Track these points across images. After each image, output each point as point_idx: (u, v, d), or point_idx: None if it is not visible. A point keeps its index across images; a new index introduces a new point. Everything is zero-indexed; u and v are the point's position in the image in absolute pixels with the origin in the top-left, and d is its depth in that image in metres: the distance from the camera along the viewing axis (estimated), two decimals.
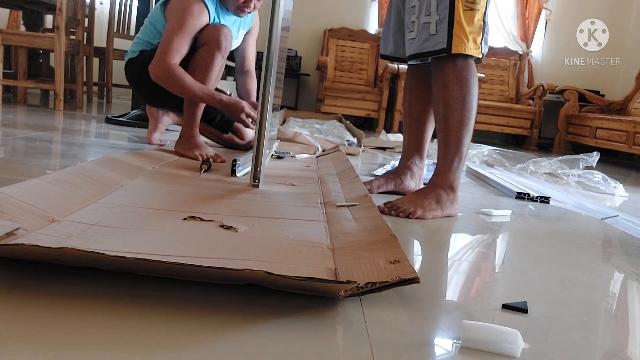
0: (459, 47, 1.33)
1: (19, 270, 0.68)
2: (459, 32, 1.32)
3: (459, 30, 1.32)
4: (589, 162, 2.60)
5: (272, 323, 0.62)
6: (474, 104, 1.37)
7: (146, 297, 0.65)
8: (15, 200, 0.84)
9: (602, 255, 1.25)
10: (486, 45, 1.39)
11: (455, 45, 1.32)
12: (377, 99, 4.79)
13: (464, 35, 1.32)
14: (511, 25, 5.30)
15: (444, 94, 1.37)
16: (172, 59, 1.75)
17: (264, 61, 1.36)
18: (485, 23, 1.37)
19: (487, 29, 1.38)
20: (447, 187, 1.37)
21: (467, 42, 1.33)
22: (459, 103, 1.36)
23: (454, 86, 1.36)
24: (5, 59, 3.30)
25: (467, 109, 1.36)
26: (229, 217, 1.02)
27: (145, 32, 1.97)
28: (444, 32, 1.33)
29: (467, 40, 1.33)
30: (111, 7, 4.13)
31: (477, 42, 1.35)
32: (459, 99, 1.36)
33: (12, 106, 3.12)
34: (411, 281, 0.70)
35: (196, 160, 1.75)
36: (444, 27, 1.33)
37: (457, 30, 1.32)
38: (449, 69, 1.36)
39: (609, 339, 0.74)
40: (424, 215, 1.33)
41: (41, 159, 1.56)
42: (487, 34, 1.38)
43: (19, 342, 0.52)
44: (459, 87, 1.35)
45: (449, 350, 0.62)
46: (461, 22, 1.32)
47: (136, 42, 2.00)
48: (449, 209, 1.38)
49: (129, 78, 2.07)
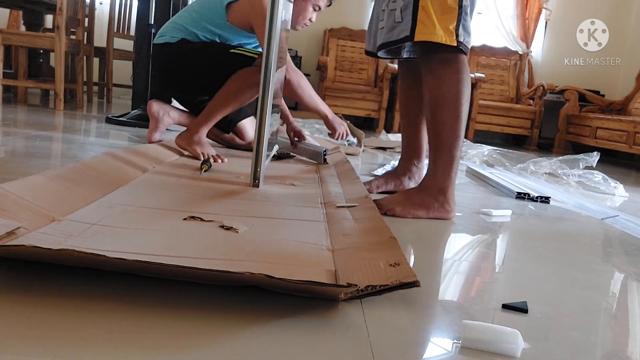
0: (423, 34, 1.23)
1: (19, 270, 0.68)
2: (424, 18, 1.23)
3: (424, 16, 1.23)
4: (589, 162, 2.60)
5: (272, 323, 0.62)
6: (462, 102, 1.28)
7: (146, 297, 0.65)
8: (17, 198, 0.84)
9: (602, 255, 1.25)
10: (466, 32, 1.27)
11: (419, 32, 1.23)
12: (377, 99, 4.79)
13: (429, 22, 1.23)
14: (511, 25, 5.29)
15: (429, 93, 1.31)
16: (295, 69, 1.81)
17: (264, 61, 1.35)
18: (461, 7, 1.25)
19: (464, 13, 1.26)
20: (434, 190, 1.32)
21: (433, 28, 1.22)
22: (443, 104, 1.28)
23: (436, 86, 1.28)
24: (5, 58, 3.30)
25: (451, 110, 1.28)
26: (229, 218, 1.02)
27: (191, 21, 1.92)
28: (409, 19, 1.24)
29: (434, 26, 1.23)
30: (111, 7, 4.13)
31: (450, 28, 1.24)
32: (440, 99, 1.28)
33: (12, 106, 3.12)
34: (411, 285, 0.70)
35: (197, 158, 1.75)
36: (409, 14, 1.24)
37: (421, 16, 1.23)
38: (430, 67, 1.29)
39: (609, 338, 0.74)
40: (403, 213, 1.30)
41: (41, 158, 1.56)
42: (464, 19, 1.26)
43: (19, 342, 0.52)
44: (441, 86, 1.28)
45: (449, 350, 0.62)
46: (427, 8, 1.22)
47: (176, 27, 1.93)
48: (438, 211, 1.32)
49: (159, 61, 2.00)
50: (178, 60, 1.91)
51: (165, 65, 1.98)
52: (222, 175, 1.53)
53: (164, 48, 1.95)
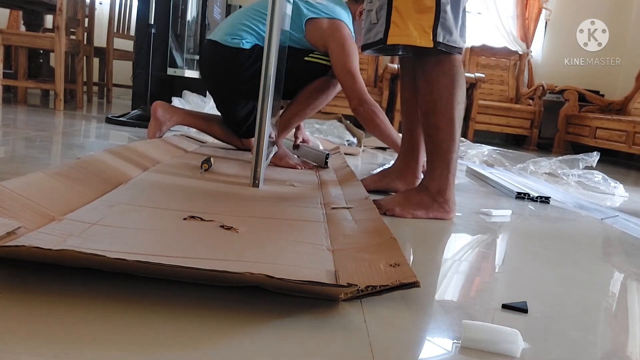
0: (396, 36, 1.20)
1: (19, 270, 0.68)
2: (397, 19, 1.19)
3: (398, 17, 1.19)
4: (589, 162, 2.60)
5: (272, 323, 0.62)
6: (454, 105, 1.26)
7: (146, 296, 0.65)
8: (17, 196, 0.84)
9: (602, 255, 1.25)
10: (447, 31, 1.22)
11: (392, 35, 1.19)
12: (377, 99, 4.79)
13: (402, 23, 1.19)
14: (511, 25, 5.29)
15: (421, 97, 1.29)
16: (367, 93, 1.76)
17: (264, 61, 1.36)
18: (439, 5, 1.20)
19: (442, 12, 1.20)
20: (433, 191, 1.32)
21: (406, 29, 1.19)
22: (435, 107, 1.26)
23: (427, 89, 1.26)
24: (5, 59, 3.30)
25: (443, 113, 1.25)
26: (230, 217, 1.02)
27: (262, 26, 1.82)
28: (383, 20, 1.21)
29: (407, 28, 1.19)
30: (111, 7, 4.13)
31: (427, 29, 1.19)
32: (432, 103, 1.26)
33: (12, 106, 3.12)
34: (411, 285, 0.70)
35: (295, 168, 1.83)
36: (383, 15, 1.21)
37: (395, 18, 1.19)
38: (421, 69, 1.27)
39: (608, 338, 0.74)
40: (403, 214, 1.30)
41: (42, 158, 1.56)
42: (443, 18, 1.21)
43: (19, 341, 0.52)
44: (432, 90, 1.25)
45: (449, 350, 0.62)
46: (400, 9, 1.19)
47: (245, 29, 1.83)
48: (437, 211, 1.32)
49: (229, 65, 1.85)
50: (249, 67, 1.82)
51: (233, 70, 1.87)
52: (223, 175, 1.53)
53: (235, 52, 1.82)
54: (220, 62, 1.87)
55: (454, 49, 1.25)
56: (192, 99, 3.11)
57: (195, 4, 3.68)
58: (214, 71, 1.92)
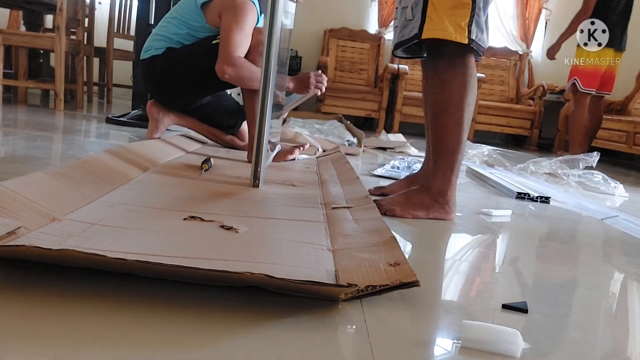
0: (431, 31, 1.19)
1: (19, 270, 0.68)
2: (432, 14, 1.19)
3: (433, 12, 1.19)
4: (589, 162, 2.60)
5: (272, 323, 0.62)
6: (464, 107, 1.26)
7: (146, 296, 0.65)
8: (18, 196, 0.84)
9: (602, 255, 1.25)
10: (480, 30, 1.23)
11: (427, 29, 1.19)
12: (377, 99, 4.79)
13: (437, 18, 1.19)
14: (511, 25, 5.29)
15: (432, 96, 1.29)
16: (239, 53, 1.77)
17: (264, 61, 1.36)
18: (475, 2, 1.20)
19: (477, 8, 1.21)
20: (434, 192, 1.32)
21: (442, 24, 1.18)
22: (446, 107, 1.26)
23: (440, 88, 1.26)
24: (5, 59, 3.30)
25: (454, 114, 1.25)
26: (230, 217, 1.02)
27: (172, 29, 1.93)
28: (419, 16, 1.20)
29: (443, 22, 1.18)
30: (111, 7, 4.13)
31: (462, 25, 1.18)
32: (443, 102, 1.26)
33: (12, 106, 3.12)
34: (411, 284, 0.70)
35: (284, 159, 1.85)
36: (419, 10, 1.20)
37: (430, 12, 1.19)
38: (436, 68, 1.27)
39: (609, 339, 0.74)
40: (403, 214, 1.30)
41: (42, 159, 1.56)
42: (477, 15, 1.21)
43: (19, 341, 0.52)
44: (445, 89, 1.25)
45: (449, 350, 0.62)
46: (435, 3, 1.19)
47: (158, 39, 1.96)
48: (438, 212, 1.32)
49: (149, 75, 2.01)
50: (170, 69, 1.91)
51: (160, 77, 1.98)
52: (223, 175, 1.53)
53: (153, 61, 1.96)
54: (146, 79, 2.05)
55: (481, 48, 1.25)
56: None
57: None
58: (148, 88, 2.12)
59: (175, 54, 1.91)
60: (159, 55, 1.94)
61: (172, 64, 1.90)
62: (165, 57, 1.93)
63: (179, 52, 1.90)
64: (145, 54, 1.98)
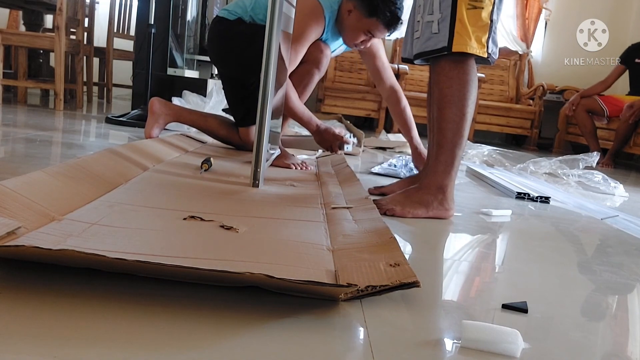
0: (460, 45, 1.31)
1: (19, 270, 0.68)
2: (460, 30, 1.31)
3: (461, 28, 1.31)
4: (589, 162, 2.60)
5: (272, 323, 0.62)
6: (468, 103, 1.33)
7: (146, 296, 0.65)
8: (18, 196, 0.84)
9: (602, 255, 1.25)
10: (494, 45, 1.37)
11: (457, 44, 1.31)
12: (377, 99, 4.79)
13: (465, 34, 1.31)
14: (511, 25, 5.29)
15: (439, 90, 1.35)
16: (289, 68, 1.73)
17: (264, 61, 1.35)
18: (492, 21, 1.35)
19: (494, 27, 1.35)
20: (434, 188, 1.34)
21: (469, 40, 1.31)
22: (451, 101, 1.33)
23: (446, 84, 1.33)
24: (5, 59, 3.30)
25: (458, 108, 1.32)
26: (229, 217, 1.02)
27: (253, 2, 1.92)
28: (446, 31, 1.31)
29: (470, 38, 1.31)
30: (111, 7, 4.13)
31: (482, 41, 1.33)
32: (449, 97, 1.33)
33: (12, 106, 3.12)
34: (411, 285, 0.70)
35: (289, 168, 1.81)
36: (446, 26, 1.31)
37: (458, 28, 1.31)
38: (442, 67, 1.34)
39: (609, 339, 0.74)
40: (403, 213, 1.32)
41: (41, 159, 1.56)
42: (494, 32, 1.36)
43: (19, 341, 0.52)
44: (451, 85, 1.33)
45: (449, 350, 0.62)
46: (463, 20, 1.31)
47: (239, 5, 1.96)
48: (437, 210, 1.33)
49: (212, 30, 2.01)
50: (230, 37, 1.93)
51: (217, 40, 1.99)
52: (223, 175, 1.53)
53: (222, 22, 1.95)
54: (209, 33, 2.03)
55: (493, 60, 1.38)
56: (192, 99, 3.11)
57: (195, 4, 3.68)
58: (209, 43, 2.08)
59: (241, 30, 1.91)
60: (229, 20, 1.94)
61: (234, 35, 1.90)
62: (232, 24, 1.93)
63: (245, 27, 1.90)
64: (222, 12, 1.98)
